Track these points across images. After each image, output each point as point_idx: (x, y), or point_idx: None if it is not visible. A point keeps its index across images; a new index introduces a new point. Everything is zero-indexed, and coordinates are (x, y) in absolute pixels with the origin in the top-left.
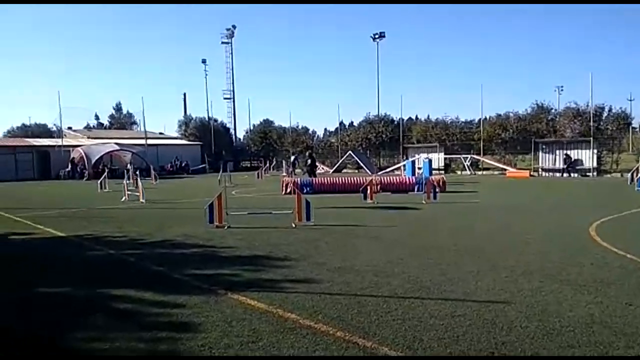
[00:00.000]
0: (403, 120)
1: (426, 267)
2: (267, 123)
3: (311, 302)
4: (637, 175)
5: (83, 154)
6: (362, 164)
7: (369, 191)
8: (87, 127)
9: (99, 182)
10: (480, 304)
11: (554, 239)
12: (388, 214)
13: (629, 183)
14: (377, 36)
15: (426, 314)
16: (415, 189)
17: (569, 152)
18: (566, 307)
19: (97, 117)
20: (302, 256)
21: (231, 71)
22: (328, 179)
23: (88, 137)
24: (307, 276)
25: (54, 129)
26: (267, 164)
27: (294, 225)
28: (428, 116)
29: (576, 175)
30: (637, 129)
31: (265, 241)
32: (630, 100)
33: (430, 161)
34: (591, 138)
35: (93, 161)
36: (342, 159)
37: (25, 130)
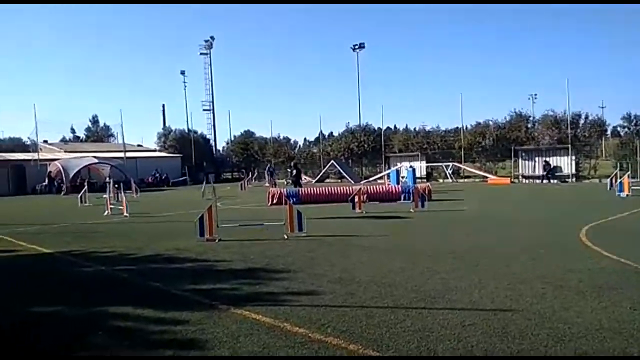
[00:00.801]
0: (384, 129)
1: (427, 276)
2: (248, 134)
3: (317, 315)
4: (616, 181)
5: (60, 167)
6: (345, 174)
7: (357, 201)
8: (63, 141)
9: (79, 196)
10: (487, 312)
11: (548, 245)
12: (379, 223)
13: (608, 188)
14: (357, 47)
15: (436, 324)
16: (402, 198)
17: (547, 159)
18: (573, 313)
19: (73, 131)
20: (300, 268)
21: (210, 82)
22: (314, 189)
23: (65, 151)
24: (309, 288)
25: (29, 142)
26: (250, 175)
27: (286, 237)
28: (406, 126)
29: (556, 181)
30: (609, 136)
31: (259, 253)
32: (602, 107)
33: (414, 170)
34: (569, 145)
35: (71, 175)
36: (325, 168)
37: None
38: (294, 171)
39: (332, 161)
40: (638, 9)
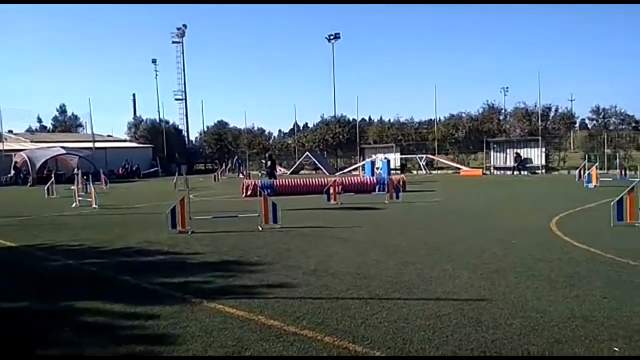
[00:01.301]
0: (359, 121)
1: (401, 267)
2: (222, 124)
3: (292, 308)
4: (584, 172)
5: (26, 158)
6: (319, 165)
7: (332, 192)
8: (30, 131)
9: (45, 187)
10: (462, 302)
11: (519, 235)
12: (353, 214)
13: (577, 180)
14: (332, 37)
15: (411, 314)
16: (377, 189)
17: (518, 150)
18: (545, 302)
19: (39, 120)
20: (274, 260)
21: (182, 71)
22: (289, 180)
23: (31, 141)
24: (284, 280)
25: None
26: (224, 167)
27: (260, 229)
28: (381, 117)
29: (526, 173)
30: (577, 128)
31: (233, 246)
32: (571, 100)
33: (388, 161)
34: (539, 137)
35: (37, 166)
36: (300, 160)
37: None
38: (269, 162)
39: (307, 152)
40: (606, 5)
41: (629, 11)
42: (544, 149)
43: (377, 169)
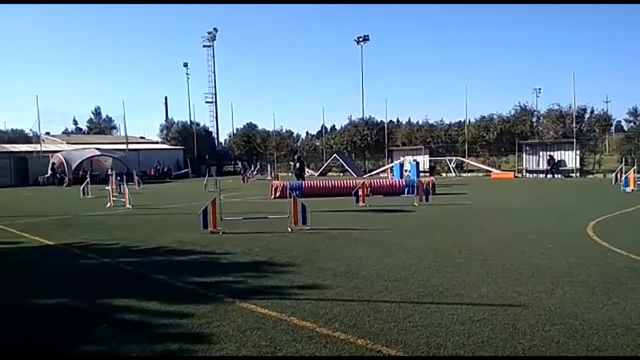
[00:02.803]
0: (387, 123)
1: (433, 270)
2: (251, 126)
3: (324, 309)
4: (621, 176)
5: (63, 159)
6: (347, 167)
7: (361, 194)
8: (66, 132)
9: (81, 188)
10: (496, 307)
11: (555, 240)
12: (383, 217)
13: (613, 183)
14: (361, 39)
15: (444, 319)
16: (406, 192)
17: (552, 153)
18: (583, 309)
19: (75, 122)
20: (305, 261)
21: (213, 74)
22: (317, 182)
23: (67, 143)
24: (314, 282)
25: (32, 134)
26: (252, 168)
27: (290, 230)
28: (409, 119)
29: (559, 176)
30: (613, 130)
31: (264, 246)
32: (607, 101)
33: (417, 163)
34: (574, 139)
35: (73, 167)
36: (328, 162)
37: (1, 136)
38: (297, 164)
39: (334, 154)
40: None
41: None
42: (578, 152)
43: (406, 171)
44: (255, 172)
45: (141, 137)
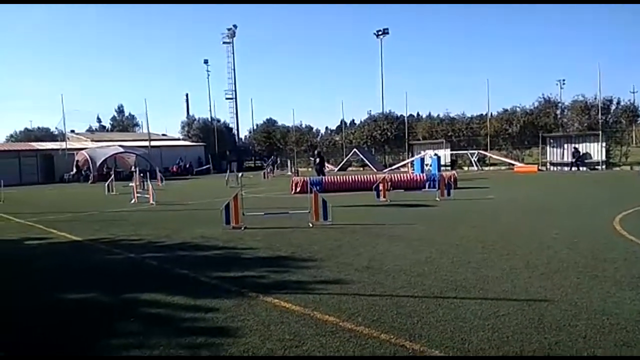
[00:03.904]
0: (407, 117)
1: (456, 265)
2: (270, 122)
3: (347, 304)
4: None
5: (87, 156)
6: (367, 162)
7: (381, 189)
8: (90, 130)
9: (106, 184)
10: (521, 302)
11: (580, 234)
12: (404, 212)
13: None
14: (380, 33)
15: (469, 314)
16: (427, 186)
17: (577, 145)
18: (611, 304)
19: (99, 120)
20: (327, 256)
21: (233, 71)
22: (337, 177)
23: (92, 140)
24: (337, 277)
25: (57, 132)
26: (273, 164)
27: (311, 225)
28: (429, 113)
29: (585, 169)
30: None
31: (285, 242)
32: (634, 92)
33: (438, 158)
34: (599, 131)
35: (98, 164)
36: (348, 157)
37: (28, 135)
38: (318, 159)
39: (354, 149)
40: None
41: None
42: (604, 144)
43: (427, 165)
44: (275, 168)
45: (163, 134)
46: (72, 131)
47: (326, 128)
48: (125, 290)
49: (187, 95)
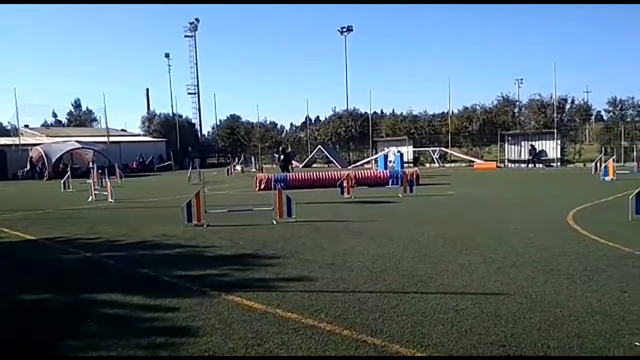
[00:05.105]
0: (371, 114)
1: (418, 260)
2: (234, 118)
3: (310, 301)
4: (601, 165)
5: (42, 152)
6: (332, 159)
7: (345, 185)
8: (45, 125)
9: (62, 181)
10: (479, 296)
11: (536, 229)
12: (368, 208)
13: (593, 173)
14: (344, 30)
15: (429, 308)
16: (390, 183)
17: (533, 143)
18: (564, 296)
19: (54, 115)
20: (290, 253)
21: (195, 65)
22: (302, 174)
23: (47, 136)
24: (300, 274)
25: (10, 127)
26: (237, 160)
27: (275, 222)
28: (393, 110)
29: (541, 165)
30: (593, 120)
31: (249, 239)
32: (587, 92)
33: (401, 154)
34: (555, 129)
35: (53, 160)
36: (312, 153)
37: None
38: (282, 156)
39: (319, 146)
40: None
41: None
42: (559, 142)
43: (390, 162)
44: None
45: (122, 130)
46: (26, 126)
47: (291, 124)
48: (82, 290)
49: (147, 89)
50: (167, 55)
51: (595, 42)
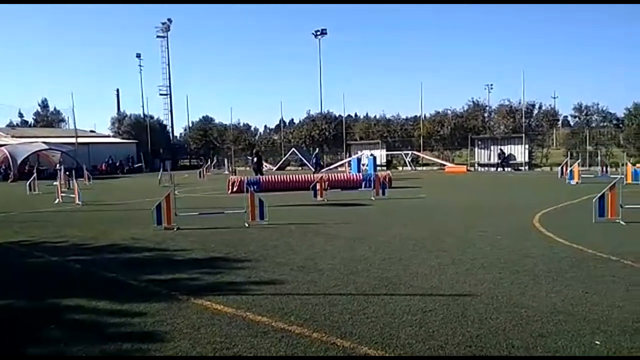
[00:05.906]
0: (345, 117)
1: (388, 263)
2: (207, 120)
3: (280, 304)
4: (566, 169)
5: (7, 154)
6: (305, 161)
7: (318, 188)
8: (10, 126)
9: (27, 183)
10: (447, 297)
11: (504, 231)
12: (341, 211)
13: (559, 176)
14: (319, 33)
15: (398, 310)
16: (363, 186)
17: (502, 147)
18: (529, 297)
19: (21, 115)
20: (262, 256)
21: (167, 66)
22: (275, 176)
23: (12, 136)
24: (271, 277)
25: None
26: (209, 163)
27: (247, 225)
28: (367, 114)
29: (509, 169)
30: (560, 125)
31: (220, 242)
32: (555, 97)
33: (374, 158)
34: (523, 134)
35: (19, 161)
36: (286, 156)
37: None
38: (255, 159)
39: (293, 149)
40: (588, 6)
41: (612, 11)
42: (527, 146)
43: (363, 165)
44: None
45: (91, 131)
46: None
47: (265, 127)
48: (47, 295)
49: (117, 90)
50: (138, 56)
51: (563, 49)
